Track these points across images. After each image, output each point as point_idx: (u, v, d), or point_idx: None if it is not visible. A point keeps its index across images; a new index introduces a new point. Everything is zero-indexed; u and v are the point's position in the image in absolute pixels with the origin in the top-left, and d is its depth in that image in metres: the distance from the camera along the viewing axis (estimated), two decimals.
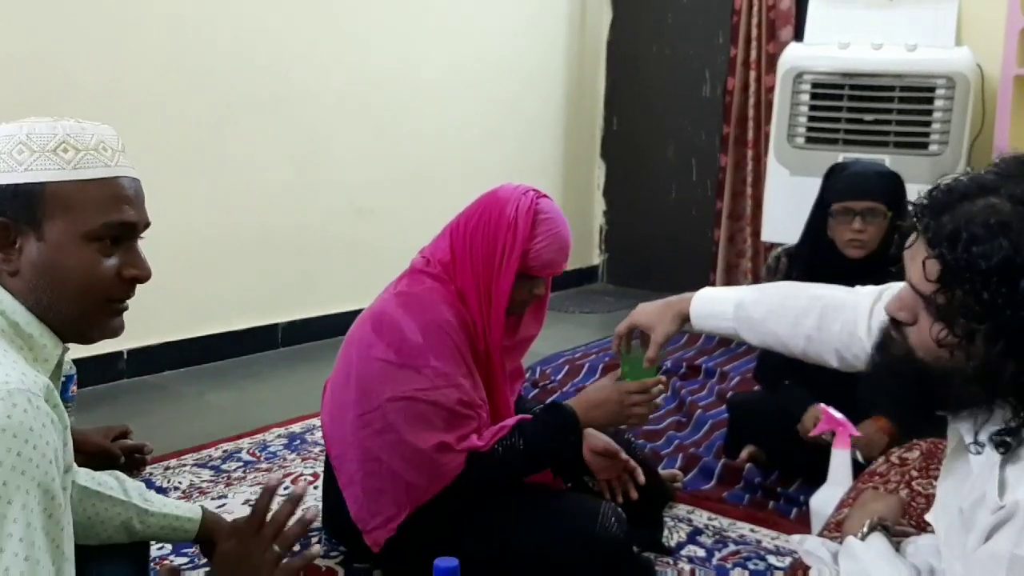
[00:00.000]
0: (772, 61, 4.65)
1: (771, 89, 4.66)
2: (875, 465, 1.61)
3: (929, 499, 1.46)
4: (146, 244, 1.21)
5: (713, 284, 4.94)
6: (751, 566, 2.04)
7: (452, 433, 1.76)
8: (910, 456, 1.57)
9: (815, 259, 2.45)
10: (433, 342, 1.80)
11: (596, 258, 5.64)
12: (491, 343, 1.92)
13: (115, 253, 1.15)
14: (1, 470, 0.93)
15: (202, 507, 1.51)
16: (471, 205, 1.93)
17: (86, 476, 1.38)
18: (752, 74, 4.76)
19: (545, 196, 1.92)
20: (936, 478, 1.50)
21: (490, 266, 1.86)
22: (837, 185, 2.37)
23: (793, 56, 3.98)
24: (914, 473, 1.53)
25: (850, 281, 2.37)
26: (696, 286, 1.75)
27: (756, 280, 4.85)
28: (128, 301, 1.19)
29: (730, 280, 4.96)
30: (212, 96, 3.50)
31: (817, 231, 2.45)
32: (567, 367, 3.62)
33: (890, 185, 2.35)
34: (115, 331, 1.19)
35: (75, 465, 1.30)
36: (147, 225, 1.20)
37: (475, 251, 1.87)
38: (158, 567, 1.94)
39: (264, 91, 3.68)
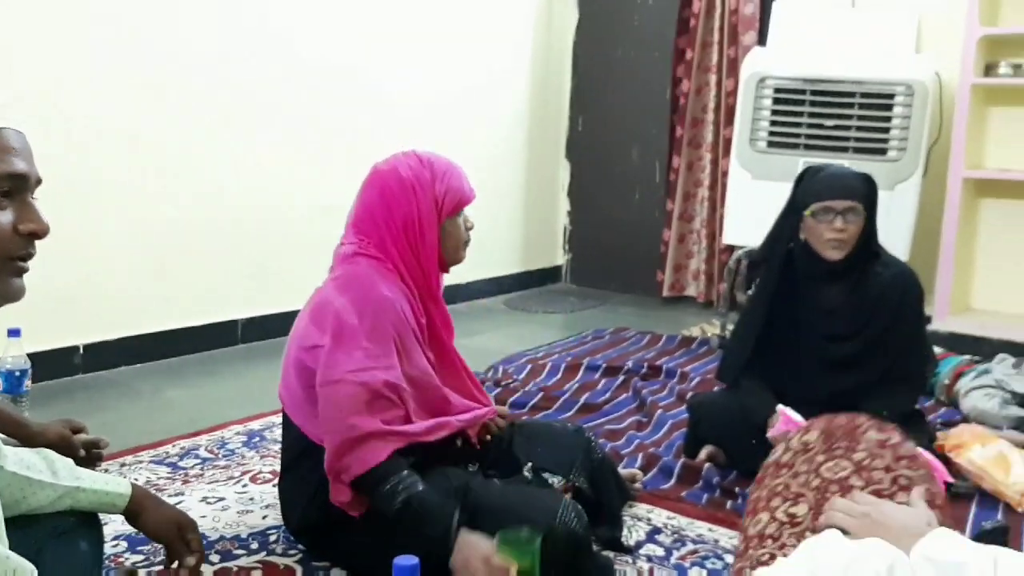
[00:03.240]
0: (733, 65, 4.70)
1: (731, 93, 4.71)
2: (777, 455, 1.60)
3: (841, 484, 1.46)
4: (105, 238, 1.19)
5: (661, 284, 4.98)
6: (709, 565, 2.05)
7: (376, 416, 1.76)
8: (810, 438, 1.57)
9: (789, 263, 2.46)
10: (368, 321, 1.81)
11: (560, 258, 5.65)
12: (435, 310, 1.97)
13: (8, 208, 1.11)
14: None
15: (132, 483, 1.52)
16: (362, 193, 1.96)
17: (13, 460, 1.36)
18: (713, 78, 4.81)
19: (413, 150, 1.97)
20: (840, 456, 1.51)
21: (414, 234, 1.89)
22: (815, 186, 2.37)
23: (756, 61, 4.02)
24: (820, 458, 1.52)
25: (827, 282, 2.41)
26: (645, 287, 1.75)
27: (709, 283, 4.89)
28: (29, 261, 1.14)
29: (678, 281, 5.00)
30: (170, 93, 3.46)
31: (787, 236, 2.46)
32: (529, 366, 3.62)
33: (867, 186, 2.38)
34: (17, 292, 1.14)
35: (1, 445, 1.28)
36: (39, 181, 1.16)
37: (391, 228, 1.89)
38: (113, 565, 1.92)
39: (223, 88, 3.64)
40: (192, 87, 3.53)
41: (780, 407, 2.12)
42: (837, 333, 2.44)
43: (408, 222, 1.89)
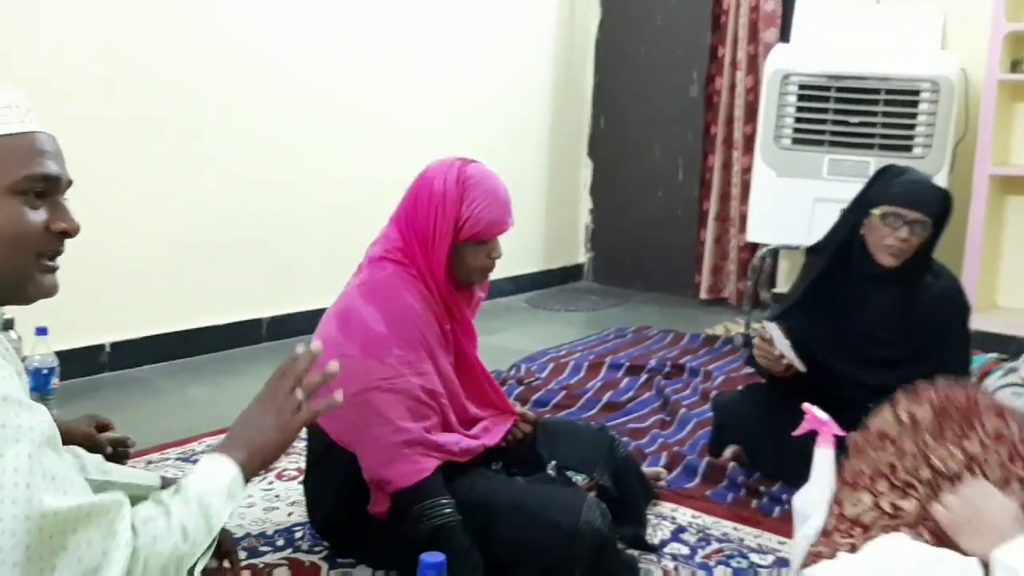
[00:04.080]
0: (753, 62, 4.69)
1: (751, 90, 4.69)
2: (880, 424, 1.55)
3: (952, 479, 1.39)
4: (131, 237, 1.21)
5: (698, 286, 4.96)
6: (734, 564, 2.05)
7: (417, 423, 1.77)
8: (921, 413, 1.49)
9: (842, 257, 2.41)
10: (396, 329, 1.82)
11: (582, 256, 5.64)
12: (457, 320, 1.97)
13: (41, 208, 1.15)
14: None
15: (161, 475, 1.54)
16: (407, 191, 1.95)
17: None
18: (738, 74, 4.79)
19: (473, 162, 1.93)
20: (952, 444, 1.41)
21: (427, 245, 1.89)
22: (893, 189, 2.30)
23: (780, 58, 3.99)
24: (930, 441, 1.43)
25: (876, 285, 2.36)
26: (680, 287, 1.74)
27: (741, 282, 4.87)
28: (59, 259, 1.18)
29: (716, 282, 4.98)
30: (194, 93, 3.48)
31: (848, 229, 2.39)
32: (552, 365, 3.62)
33: (943, 204, 2.31)
34: (50, 290, 1.18)
35: None
36: (70, 183, 1.20)
37: (419, 230, 1.89)
38: None
39: (250, 89, 3.66)
40: (219, 86, 3.55)
41: (806, 405, 2.10)
42: (879, 336, 2.39)
43: (425, 233, 1.88)
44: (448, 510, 1.74)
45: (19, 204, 1.12)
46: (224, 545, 1.56)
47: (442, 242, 1.86)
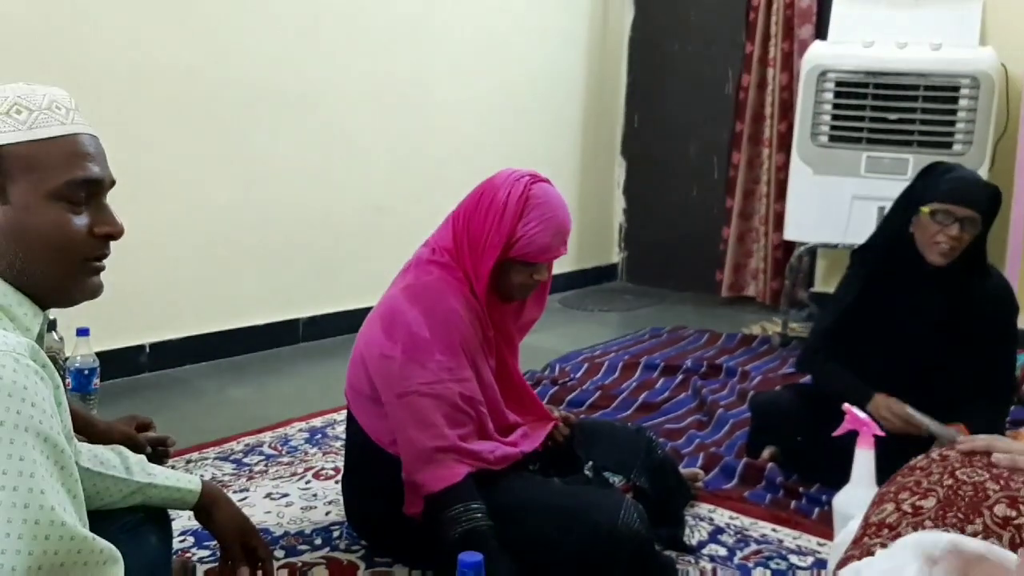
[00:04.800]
0: (787, 59, 4.64)
1: (785, 87, 4.65)
2: (915, 460, 1.56)
3: (976, 487, 1.39)
4: (170, 239, 1.23)
5: (719, 283, 4.92)
6: (773, 565, 2.03)
7: (454, 429, 1.78)
8: (951, 453, 1.53)
9: (891, 256, 2.37)
10: (439, 335, 1.82)
11: (615, 256, 5.62)
12: (499, 330, 1.97)
13: (84, 211, 1.15)
14: (3, 430, 0.94)
15: (201, 478, 1.54)
16: (472, 191, 1.94)
17: (88, 456, 1.39)
18: (769, 72, 4.74)
19: (543, 180, 1.92)
20: (980, 468, 1.44)
21: (477, 254, 1.88)
22: (942, 186, 2.25)
23: (817, 54, 3.96)
24: (956, 464, 1.47)
25: (925, 284, 2.33)
26: (703, 285, 1.73)
27: (766, 280, 4.82)
28: (105, 260, 1.19)
29: (738, 280, 4.94)
30: (234, 95, 3.51)
31: (898, 228, 2.35)
32: (586, 365, 3.61)
33: (993, 201, 2.27)
34: (95, 291, 1.19)
35: (76, 439, 1.31)
36: (113, 182, 1.20)
37: (472, 236, 1.88)
38: (177, 560, 1.96)
39: (286, 91, 3.68)
40: (255, 88, 3.57)
41: (846, 405, 2.08)
42: (926, 335, 2.35)
43: (478, 240, 1.87)
44: (479, 515, 1.73)
45: (62, 209, 1.12)
46: (258, 550, 1.57)
47: (491, 253, 1.86)
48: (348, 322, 3.81)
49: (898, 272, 2.36)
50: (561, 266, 5.08)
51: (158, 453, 2.39)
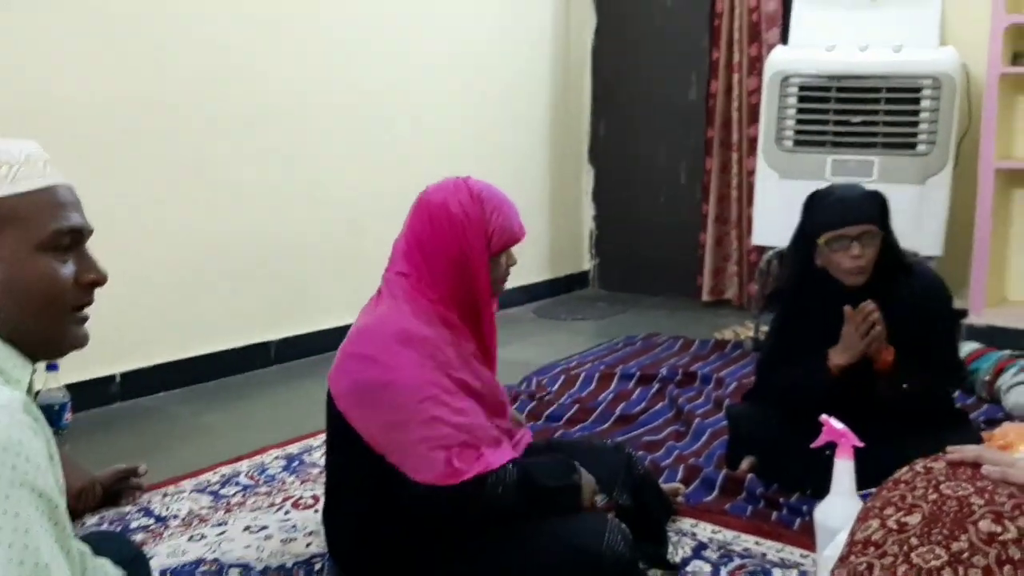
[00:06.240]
0: (754, 64, 4.67)
1: (752, 92, 4.68)
2: (899, 473, 1.57)
3: (960, 501, 1.41)
4: (134, 265, 1.22)
5: (700, 288, 4.95)
6: None
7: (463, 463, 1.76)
8: (937, 466, 1.54)
9: (807, 292, 2.40)
10: (427, 375, 1.78)
11: (587, 263, 5.64)
12: (488, 340, 1.96)
13: (68, 260, 1.15)
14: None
15: None
16: (411, 218, 1.92)
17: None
18: (735, 77, 4.77)
19: (467, 177, 1.94)
20: (964, 480, 1.46)
21: (462, 268, 1.86)
22: (825, 215, 2.29)
23: (779, 59, 3.99)
24: (941, 478, 1.48)
25: (853, 304, 2.34)
26: (677, 289, 1.73)
27: (742, 285, 4.86)
28: (88, 309, 1.19)
29: (718, 284, 4.97)
30: (201, 112, 3.47)
31: (804, 265, 2.38)
32: (563, 377, 3.61)
33: (878, 205, 2.29)
34: (82, 340, 1.20)
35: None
36: (91, 231, 1.20)
37: (441, 263, 1.86)
38: None
39: (254, 107, 3.65)
40: (227, 107, 3.54)
41: (823, 417, 2.09)
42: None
43: (458, 259, 1.85)
44: (509, 467, 1.77)
45: (49, 260, 1.12)
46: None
47: (481, 260, 1.86)
48: (321, 342, 3.79)
49: (823, 302, 2.34)
50: (533, 275, 5.16)
51: (132, 485, 2.37)
